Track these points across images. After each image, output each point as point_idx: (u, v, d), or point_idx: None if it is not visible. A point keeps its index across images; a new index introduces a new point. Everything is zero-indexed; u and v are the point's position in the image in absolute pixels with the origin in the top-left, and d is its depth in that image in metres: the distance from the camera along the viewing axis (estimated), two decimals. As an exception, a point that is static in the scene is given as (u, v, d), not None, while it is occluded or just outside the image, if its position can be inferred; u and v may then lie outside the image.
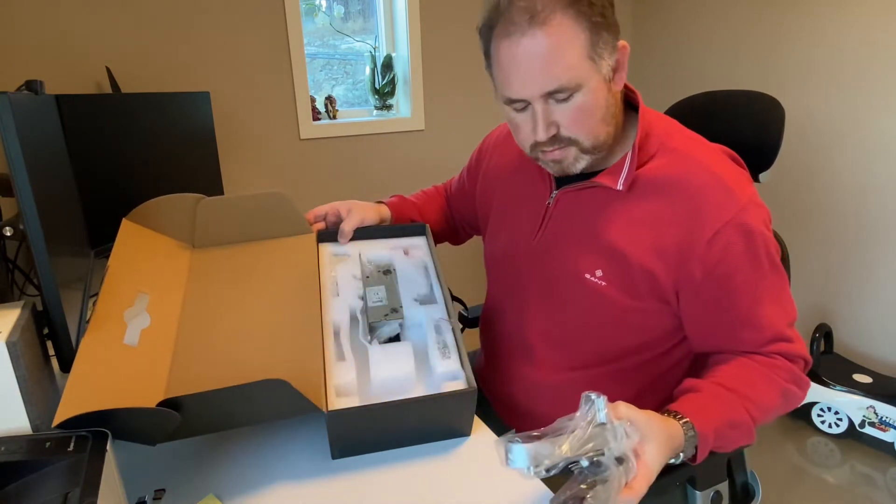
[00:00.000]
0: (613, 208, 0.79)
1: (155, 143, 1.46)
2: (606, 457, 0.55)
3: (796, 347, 0.78)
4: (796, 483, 1.72)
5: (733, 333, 0.77)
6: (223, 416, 0.68)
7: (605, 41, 0.70)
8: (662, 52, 2.69)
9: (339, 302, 0.84)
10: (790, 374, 0.76)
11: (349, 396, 0.73)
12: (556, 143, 0.74)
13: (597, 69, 0.70)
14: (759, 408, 0.72)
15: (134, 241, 0.85)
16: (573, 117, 0.72)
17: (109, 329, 0.71)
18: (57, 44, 1.72)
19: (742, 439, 0.72)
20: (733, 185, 0.74)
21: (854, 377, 1.90)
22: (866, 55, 1.94)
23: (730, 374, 0.74)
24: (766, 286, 0.76)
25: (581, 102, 0.71)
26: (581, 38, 0.67)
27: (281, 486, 0.71)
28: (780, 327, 0.77)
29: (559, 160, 0.77)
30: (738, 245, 0.73)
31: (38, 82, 0.84)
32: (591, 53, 0.69)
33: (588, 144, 0.75)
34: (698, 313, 0.78)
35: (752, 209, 0.74)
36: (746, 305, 0.75)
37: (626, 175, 0.77)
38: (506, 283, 0.95)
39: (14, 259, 0.99)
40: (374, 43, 2.40)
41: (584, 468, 0.56)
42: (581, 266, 0.81)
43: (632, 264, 0.77)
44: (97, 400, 0.62)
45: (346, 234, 0.95)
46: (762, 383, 0.74)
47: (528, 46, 0.67)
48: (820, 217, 2.18)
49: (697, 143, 0.80)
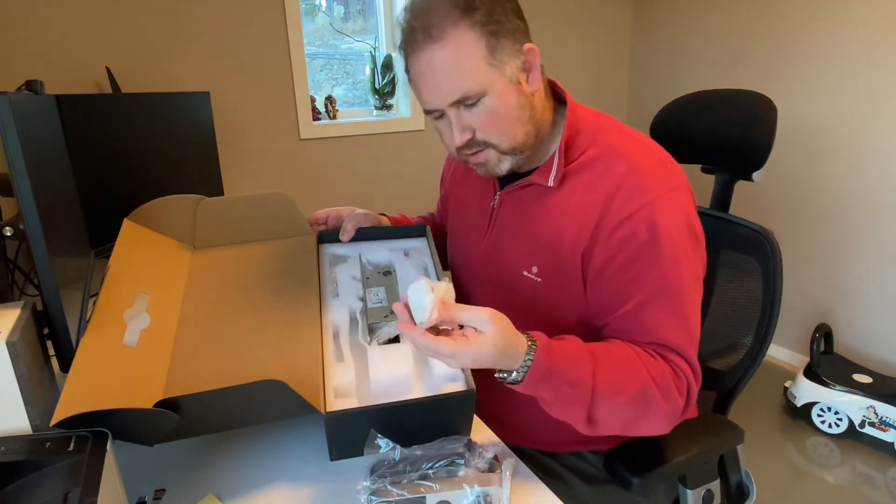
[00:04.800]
0: (547, 204, 0.80)
1: (155, 143, 1.46)
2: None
3: (681, 361, 0.73)
4: (796, 483, 1.72)
5: (621, 330, 0.75)
6: (221, 416, 0.68)
7: (505, 47, 0.71)
8: (661, 53, 2.69)
9: (338, 303, 0.84)
10: (661, 375, 0.71)
11: (348, 398, 0.73)
12: (474, 147, 0.77)
13: (500, 74, 0.72)
14: (610, 379, 0.69)
15: (135, 242, 0.85)
16: (485, 121, 0.74)
17: (109, 329, 0.71)
18: (57, 44, 1.73)
19: (575, 405, 0.69)
20: (651, 177, 0.74)
21: (854, 377, 1.90)
22: (863, 55, 1.95)
23: (601, 345, 0.73)
24: (663, 289, 0.72)
25: (490, 106, 0.73)
26: (478, 48, 0.70)
27: (280, 487, 0.71)
28: (668, 336, 0.73)
29: (483, 163, 0.79)
30: (641, 236, 0.72)
31: (38, 82, 0.84)
32: (490, 60, 0.71)
33: (505, 146, 0.76)
34: (596, 304, 0.77)
35: (667, 204, 0.72)
36: (637, 303, 0.73)
37: (555, 171, 0.78)
38: (465, 284, 0.96)
39: (14, 259, 0.99)
40: (374, 43, 2.40)
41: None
42: (520, 263, 0.82)
43: (563, 258, 0.77)
44: (95, 400, 0.62)
45: (349, 232, 0.95)
46: (624, 360, 0.71)
47: (428, 61, 0.71)
48: (820, 217, 2.18)
49: (628, 137, 0.80)
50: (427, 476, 0.65)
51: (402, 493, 0.62)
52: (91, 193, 1.21)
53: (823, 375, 1.92)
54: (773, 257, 0.93)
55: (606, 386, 0.69)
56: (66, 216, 0.92)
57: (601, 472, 0.88)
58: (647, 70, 2.78)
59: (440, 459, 0.67)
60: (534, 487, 0.70)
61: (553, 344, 0.69)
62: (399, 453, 0.67)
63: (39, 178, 0.69)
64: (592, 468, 0.89)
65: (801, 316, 2.31)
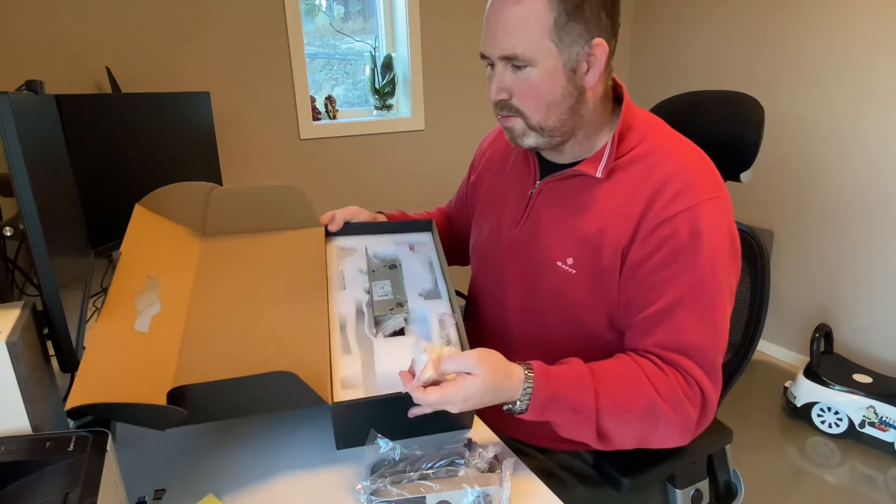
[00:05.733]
0: (593, 196, 0.80)
1: (155, 143, 1.46)
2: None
3: (697, 368, 0.72)
4: (796, 483, 1.72)
5: (646, 331, 0.74)
6: (230, 405, 0.69)
7: (573, 30, 0.71)
8: (659, 53, 2.69)
9: (345, 295, 0.85)
10: (669, 388, 0.70)
11: (354, 388, 0.74)
12: (505, 109, 0.78)
13: (557, 52, 0.72)
14: (613, 398, 0.69)
15: (146, 228, 0.86)
16: (523, 89, 0.75)
17: (121, 315, 0.72)
18: (57, 44, 1.73)
19: (583, 427, 0.69)
20: (699, 180, 0.74)
21: (854, 377, 1.90)
22: (862, 55, 1.94)
23: (603, 363, 0.73)
24: (696, 293, 0.72)
25: (532, 78, 0.74)
26: (547, 18, 0.70)
27: (280, 486, 0.71)
28: (693, 340, 0.72)
29: (509, 128, 0.81)
30: (682, 238, 0.71)
31: (38, 82, 0.84)
32: (552, 36, 0.71)
33: (534, 121, 0.77)
34: (625, 300, 0.77)
35: (712, 210, 0.72)
36: (667, 302, 0.72)
37: (605, 163, 0.78)
38: (487, 273, 0.96)
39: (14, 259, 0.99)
40: (374, 43, 2.40)
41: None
42: (555, 253, 0.82)
43: (602, 252, 0.77)
44: (108, 386, 0.62)
45: (336, 222, 0.95)
46: (627, 376, 0.71)
47: (499, 10, 0.73)
48: (820, 217, 2.18)
49: (678, 140, 0.81)
50: (427, 476, 0.65)
51: (402, 493, 0.63)
52: (91, 193, 1.21)
53: (823, 375, 1.92)
54: (760, 257, 0.94)
55: (610, 406, 0.69)
56: (66, 216, 0.92)
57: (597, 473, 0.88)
58: (648, 70, 2.79)
59: (440, 459, 0.68)
60: (534, 487, 0.70)
61: (551, 370, 0.69)
62: (399, 453, 0.67)
63: (39, 178, 0.69)
64: (589, 469, 0.89)
65: (801, 316, 2.31)
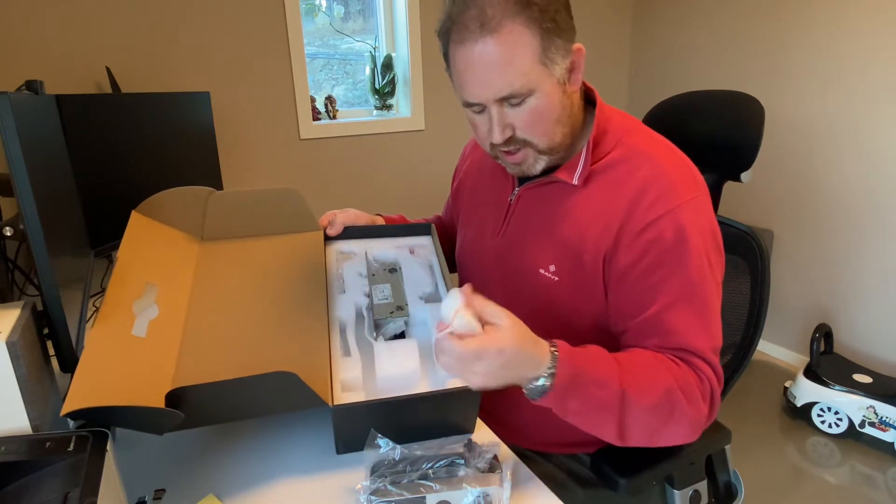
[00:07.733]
0: (571, 203, 0.79)
1: (155, 143, 1.46)
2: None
3: (704, 366, 0.71)
4: (796, 483, 1.72)
5: (641, 336, 0.74)
6: (229, 407, 0.69)
7: (558, 46, 0.70)
8: (659, 53, 2.69)
9: (345, 299, 0.85)
10: (684, 380, 0.69)
11: (355, 392, 0.73)
12: (512, 145, 0.76)
13: (549, 73, 0.71)
14: (636, 380, 0.67)
15: (143, 234, 0.85)
16: (528, 120, 0.73)
17: (118, 319, 0.72)
18: (57, 44, 1.73)
19: (605, 412, 0.67)
20: (679, 182, 0.74)
21: (854, 377, 1.90)
22: (863, 55, 1.94)
23: (621, 352, 0.72)
24: (688, 293, 0.71)
25: (535, 106, 0.72)
26: (532, 45, 0.68)
27: (280, 486, 0.71)
28: (692, 341, 0.71)
29: (519, 163, 0.78)
30: (668, 240, 0.71)
31: (38, 82, 0.84)
32: (542, 59, 0.69)
33: (544, 146, 0.76)
34: (617, 307, 0.76)
35: (693, 210, 0.72)
36: (660, 306, 0.72)
37: (581, 170, 0.78)
38: (471, 280, 0.95)
39: (14, 259, 0.99)
40: (374, 43, 2.40)
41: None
42: (537, 261, 0.82)
43: (583, 258, 0.77)
44: (105, 390, 0.62)
45: (336, 226, 0.95)
46: (647, 363, 0.70)
47: (480, 53, 0.68)
48: (820, 217, 2.18)
49: (655, 141, 0.80)
50: (427, 476, 0.65)
51: (401, 493, 0.62)
52: (91, 193, 1.21)
53: (823, 375, 1.92)
54: (760, 257, 0.93)
55: (633, 387, 0.67)
56: (66, 216, 0.92)
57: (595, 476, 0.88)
58: (647, 70, 2.78)
59: (440, 459, 0.67)
60: (534, 488, 0.70)
61: (574, 348, 0.67)
62: (399, 453, 0.67)
63: (39, 178, 0.69)
64: (588, 471, 0.89)
65: (801, 316, 2.31)
